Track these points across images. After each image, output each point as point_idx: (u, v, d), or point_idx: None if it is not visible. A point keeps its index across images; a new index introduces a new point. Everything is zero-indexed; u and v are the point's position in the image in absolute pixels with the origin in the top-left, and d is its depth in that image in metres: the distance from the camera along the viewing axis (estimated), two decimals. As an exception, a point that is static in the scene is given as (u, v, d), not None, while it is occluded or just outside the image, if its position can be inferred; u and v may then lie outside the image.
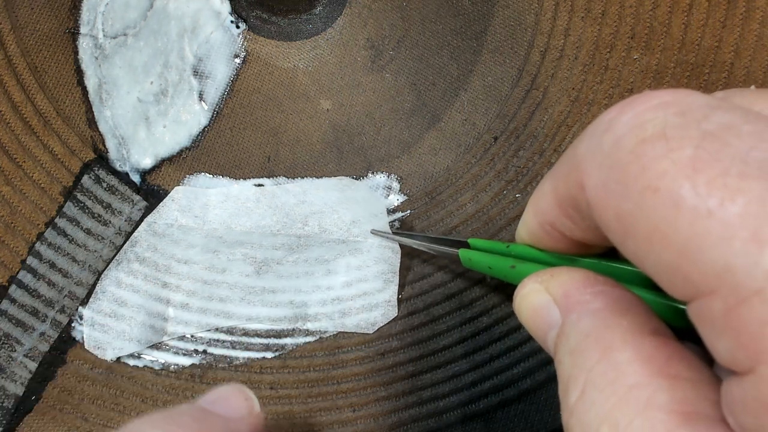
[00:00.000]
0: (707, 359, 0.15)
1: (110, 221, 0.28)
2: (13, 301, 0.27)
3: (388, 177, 0.28)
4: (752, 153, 0.12)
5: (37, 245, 0.27)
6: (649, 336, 0.15)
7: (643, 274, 0.17)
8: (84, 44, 0.28)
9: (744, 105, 0.15)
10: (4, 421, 0.26)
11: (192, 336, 0.27)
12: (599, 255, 0.18)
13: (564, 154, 0.16)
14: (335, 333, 0.27)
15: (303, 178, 0.28)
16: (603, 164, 0.14)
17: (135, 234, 0.27)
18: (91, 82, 0.28)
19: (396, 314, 0.27)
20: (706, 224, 0.12)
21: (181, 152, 0.28)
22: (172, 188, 0.28)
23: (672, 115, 0.13)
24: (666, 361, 0.14)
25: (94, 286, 0.27)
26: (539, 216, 0.18)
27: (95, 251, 0.27)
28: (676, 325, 0.16)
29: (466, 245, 0.24)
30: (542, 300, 0.17)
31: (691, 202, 0.12)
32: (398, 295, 0.27)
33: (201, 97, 0.28)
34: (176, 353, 0.27)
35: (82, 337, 0.27)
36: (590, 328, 0.15)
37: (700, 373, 0.14)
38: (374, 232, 0.27)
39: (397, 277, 0.27)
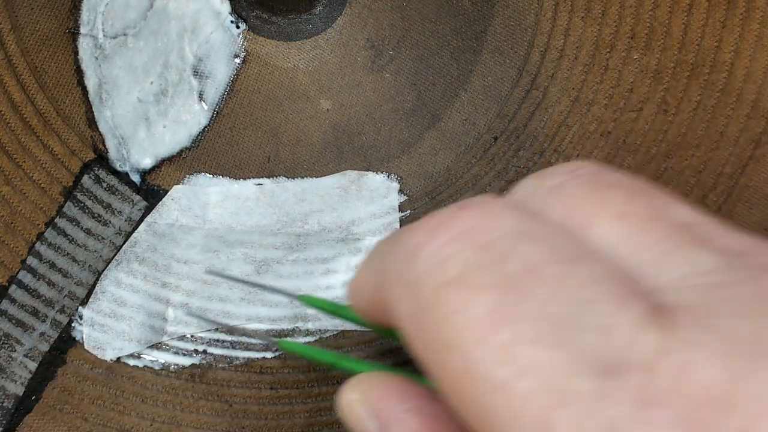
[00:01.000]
0: None
1: (110, 221, 0.28)
2: (13, 301, 0.27)
3: (388, 177, 0.28)
4: (548, 308, 0.11)
5: (37, 245, 0.27)
6: None
7: None
8: (84, 44, 0.28)
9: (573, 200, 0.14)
10: (4, 421, 0.26)
11: (192, 336, 0.27)
12: None
13: (377, 255, 0.16)
14: (335, 333, 0.27)
15: (303, 178, 0.28)
16: (409, 300, 0.13)
17: (135, 234, 0.27)
18: (91, 82, 0.28)
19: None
20: (498, 398, 0.11)
21: (181, 152, 0.28)
22: (172, 188, 0.28)
23: (474, 252, 0.12)
24: None
25: (94, 286, 0.27)
26: (361, 301, 0.17)
27: (95, 251, 0.27)
28: None
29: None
30: (361, 412, 0.17)
31: (484, 370, 0.11)
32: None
33: (201, 97, 0.28)
34: (176, 353, 0.27)
35: (82, 337, 0.27)
36: None
37: None
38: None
39: (397, 277, 0.27)
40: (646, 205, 0.13)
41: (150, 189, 0.28)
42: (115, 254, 0.27)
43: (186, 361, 0.27)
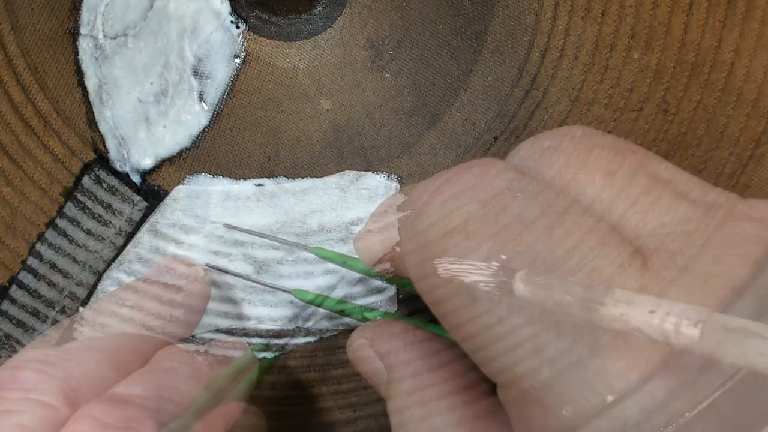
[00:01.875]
0: None
1: (111, 222, 0.28)
2: (13, 301, 0.27)
3: (388, 177, 0.28)
4: (539, 252, 0.13)
5: (38, 246, 0.27)
6: (463, 394, 0.16)
7: None
8: (84, 45, 0.28)
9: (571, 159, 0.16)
10: (5, 422, 0.26)
11: (192, 336, 0.27)
12: None
13: (384, 212, 0.18)
14: (336, 333, 0.27)
15: (303, 178, 0.28)
16: (417, 248, 0.15)
17: (136, 235, 0.27)
18: (91, 83, 0.28)
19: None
20: (497, 330, 0.13)
21: (181, 152, 0.28)
22: (173, 189, 0.28)
23: (474, 206, 0.14)
24: (473, 421, 0.16)
25: (94, 286, 0.27)
26: (369, 253, 0.19)
27: (96, 252, 0.27)
28: None
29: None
30: (369, 356, 0.19)
31: (485, 306, 0.13)
32: (399, 294, 0.27)
33: (201, 98, 0.28)
34: (177, 353, 0.27)
35: (82, 338, 0.27)
36: (411, 388, 0.17)
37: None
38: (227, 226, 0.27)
39: (397, 277, 0.27)
40: (630, 163, 0.15)
41: (150, 189, 0.28)
42: (116, 255, 0.27)
43: (186, 362, 0.27)
